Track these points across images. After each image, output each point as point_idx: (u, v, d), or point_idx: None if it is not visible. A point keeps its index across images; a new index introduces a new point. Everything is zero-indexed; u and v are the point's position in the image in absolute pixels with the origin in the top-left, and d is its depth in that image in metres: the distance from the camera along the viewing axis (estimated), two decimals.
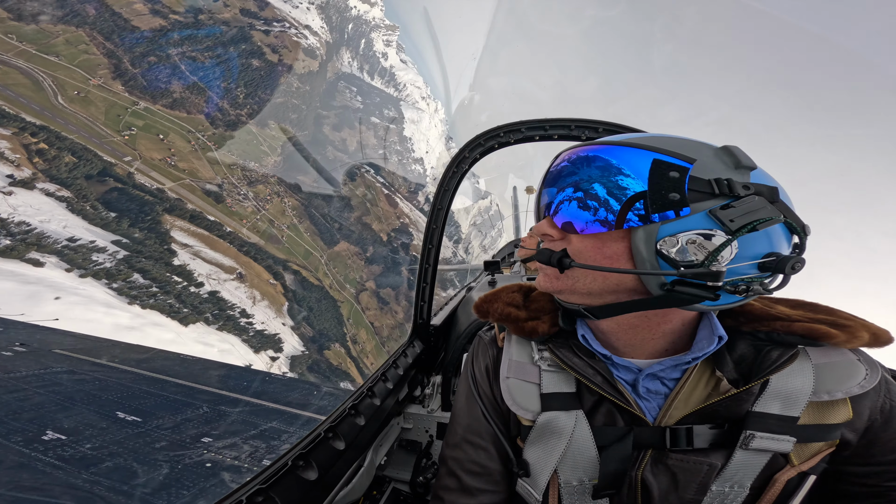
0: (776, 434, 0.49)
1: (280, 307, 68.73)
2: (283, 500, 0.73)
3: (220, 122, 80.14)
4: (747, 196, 0.46)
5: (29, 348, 6.11)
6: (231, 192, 75.01)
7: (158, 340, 49.34)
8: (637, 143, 0.51)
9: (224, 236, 67.95)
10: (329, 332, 74.75)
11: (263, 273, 70.11)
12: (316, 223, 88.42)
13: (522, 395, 0.62)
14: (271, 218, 79.86)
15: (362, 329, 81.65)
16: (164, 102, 71.75)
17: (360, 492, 1.08)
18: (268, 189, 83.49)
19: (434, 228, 1.53)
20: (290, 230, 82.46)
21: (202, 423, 4.18)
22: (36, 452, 3.43)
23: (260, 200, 79.67)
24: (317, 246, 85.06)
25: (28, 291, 43.62)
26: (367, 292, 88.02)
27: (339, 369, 70.28)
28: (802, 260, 0.47)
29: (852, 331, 0.51)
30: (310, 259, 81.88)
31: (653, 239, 0.48)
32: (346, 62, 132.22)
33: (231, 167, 77.23)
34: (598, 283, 0.54)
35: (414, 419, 1.56)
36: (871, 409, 0.51)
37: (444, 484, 0.65)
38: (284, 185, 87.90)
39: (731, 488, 0.51)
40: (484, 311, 0.72)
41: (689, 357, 0.53)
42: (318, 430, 0.92)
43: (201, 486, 3.23)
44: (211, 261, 63.18)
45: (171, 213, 62.71)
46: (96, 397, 4.59)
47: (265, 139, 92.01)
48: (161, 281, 56.07)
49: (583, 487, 0.57)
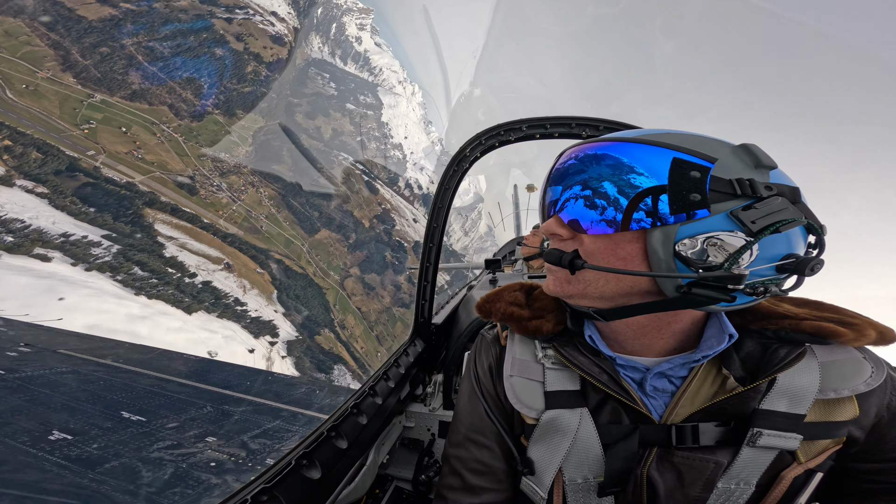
0: (783, 431, 0.49)
1: (269, 295, 70.01)
2: (288, 498, 0.73)
3: (185, 113, 77.34)
4: (770, 197, 0.45)
5: (34, 348, 6.11)
6: (204, 183, 73.76)
7: (169, 329, 52.51)
8: (653, 141, 0.49)
9: (207, 227, 68.26)
10: (317, 318, 75.27)
11: (250, 263, 70.87)
12: (295, 212, 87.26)
13: (526, 393, 0.61)
14: (248, 208, 78.97)
15: (349, 314, 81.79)
16: (123, 94, 68.63)
17: (363, 490, 1.08)
18: (241, 179, 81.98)
19: (435, 227, 1.52)
20: (269, 220, 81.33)
21: (206, 423, 4.27)
22: (43, 452, 3.47)
23: (234, 191, 78.50)
24: (297, 235, 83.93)
25: (44, 285, 45.79)
26: (351, 278, 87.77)
27: (331, 353, 71.51)
28: (821, 261, 0.47)
29: (859, 329, 0.51)
30: (291, 248, 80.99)
31: (671, 240, 0.47)
32: (317, 48, 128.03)
33: (201, 158, 75.52)
34: (612, 286, 0.52)
35: (416, 418, 1.57)
36: (878, 406, 0.51)
37: (447, 483, 0.65)
38: (259, 174, 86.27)
39: (737, 485, 0.51)
40: (486, 311, 0.71)
41: (699, 355, 0.53)
42: (320, 430, 0.93)
43: (206, 485, 3.28)
44: (198, 252, 63.98)
45: (152, 206, 62.44)
46: (101, 397, 4.61)
47: (235, 129, 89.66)
48: (159, 272, 57.66)
49: (588, 485, 0.57)
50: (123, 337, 48.61)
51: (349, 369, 71.36)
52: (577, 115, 1.35)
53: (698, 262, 0.46)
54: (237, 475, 3.40)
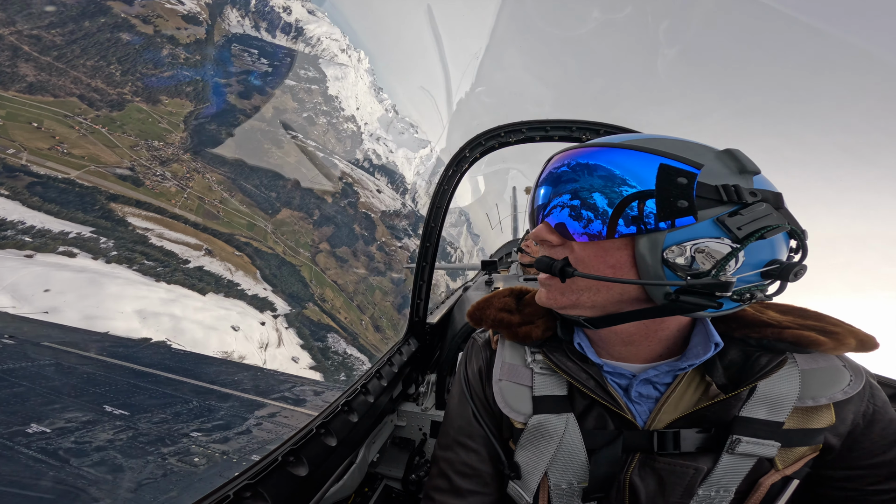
0: (761, 439, 0.50)
1: (255, 275, 71.48)
2: (272, 495, 0.72)
3: (101, 104, 70.38)
4: (754, 203, 0.45)
5: (17, 340, 5.94)
6: (146, 174, 70.12)
7: (196, 308, 57.58)
8: (640, 146, 0.49)
9: (176, 217, 67.85)
10: (298, 294, 75.66)
11: (226, 246, 71.33)
12: (250, 195, 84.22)
13: (514, 398, 0.62)
14: (199, 195, 75.68)
15: (327, 288, 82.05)
16: (18, 88, 61.16)
17: (352, 488, 1.07)
18: (184, 167, 77.76)
19: (433, 227, 1.51)
20: (224, 204, 78.54)
21: (191, 418, 4.17)
22: (19, 446, 3.36)
23: (181, 179, 74.65)
24: (257, 216, 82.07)
25: (87, 278, 49.42)
26: (322, 254, 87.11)
27: (321, 324, 73.79)
28: (804, 267, 0.47)
29: (840, 337, 0.51)
30: (255, 230, 79.19)
31: (659, 247, 0.47)
32: (236, 22, 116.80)
33: (134, 148, 70.54)
34: (603, 294, 0.52)
35: (408, 417, 1.55)
36: (854, 413, 0.51)
37: (435, 484, 0.66)
38: (202, 160, 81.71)
39: (716, 492, 0.51)
40: (477, 319, 0.71)
41: (685, 363, 0.53)
42: (309, 426, 0.92)
43: (188, 480, 3.15)
44: (177, 241, 64.90)
45: (116, 201, 61.65)
46: (83, 390, 4.46)
47: (162, 116, 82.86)
48: (162, 261, 59.85)
49: (572, 490, 0.57)
50: (165, 319, 53.85)
51: (341, 336, 74.17)
52: (578, 119, 1.32)
53: (686, 268, 0.46)
54: (220, 471, 3.25)
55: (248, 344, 58.60)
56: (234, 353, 55.38)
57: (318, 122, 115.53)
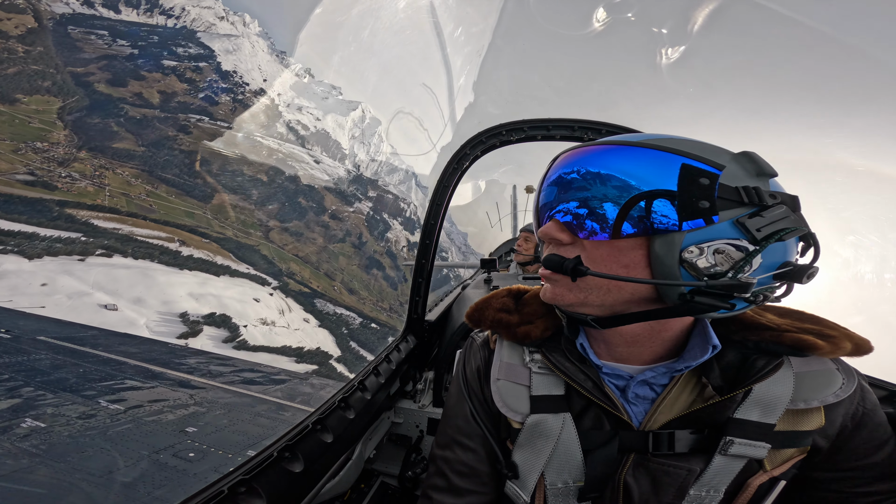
0: (753, 440, 0.50)
1: (230, 257, 72.50)
2: (267, 490, 0.72)
3: None
4: (774, 206, 0.46)
5: (13, 334, 5.94)
6: (50, 177, 64.85)
7: (222, 287, 64.66)
8: (660, 146, 0.48)
9: (132, 214, 68.15)
10: (272, 271, 75.69)
11: (194, 235, 71.83)
12: (174, 185, 78.51)
13: (512, 398, 0.62)
14: (122, 191, 70.68)
15: (291, 262, 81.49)
16: None
17: (348, 485, 1.07)
18: (87, 165, 69.51)
19: (433, 224, 1.50)
20: (152, 197, 73.19)
21: (186, 413, 4.21)
22: (13, 440, 3.42)
23: (91, 178, 68.85)
24: (193, 205, 77.36)
25: (138, 272, 55.80)
26: (274, 231, 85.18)
27: (302, 292, 76.25)
28: (816, 269, 0.47)
29: (836, 341, 0.51)
30: (196, 218, 75.16)
31: (677, 247, 0.46)
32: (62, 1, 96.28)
33: (18, 153, 63.39)
34: (614, 294, 0.51)
35: (405, 414, 1.55)
36: (843, 416, 0.52)
37: (432, 483, 0.66)
38: (104, 156, 73.67)
39: (706, 493, 0.52)
40: (476, 320, 0.71)
41: (683, 365, 0.53)
42: (305, 422, 0.91)
43: (183, 475, 3.15)
44: (149, 236, 66.99)
45: (68, 206, 61.52)
46: (79, 385, 4.52)
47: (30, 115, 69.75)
48: (165, 251, 63.59)
49: (568, 490, 0.57)
50: (210, 300, 59.94)
51: (327, 300, 77.15)
52: (580, 118, 1.32)
53: (705, 269, 0.46)
54: (215, 465, 3.41)
55: (269, 311, 65.77)
56: (268, 319, 63.52)
57: (220, 100, 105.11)
